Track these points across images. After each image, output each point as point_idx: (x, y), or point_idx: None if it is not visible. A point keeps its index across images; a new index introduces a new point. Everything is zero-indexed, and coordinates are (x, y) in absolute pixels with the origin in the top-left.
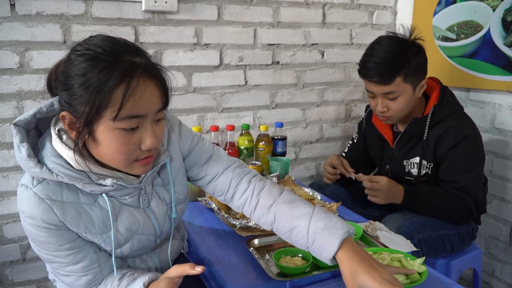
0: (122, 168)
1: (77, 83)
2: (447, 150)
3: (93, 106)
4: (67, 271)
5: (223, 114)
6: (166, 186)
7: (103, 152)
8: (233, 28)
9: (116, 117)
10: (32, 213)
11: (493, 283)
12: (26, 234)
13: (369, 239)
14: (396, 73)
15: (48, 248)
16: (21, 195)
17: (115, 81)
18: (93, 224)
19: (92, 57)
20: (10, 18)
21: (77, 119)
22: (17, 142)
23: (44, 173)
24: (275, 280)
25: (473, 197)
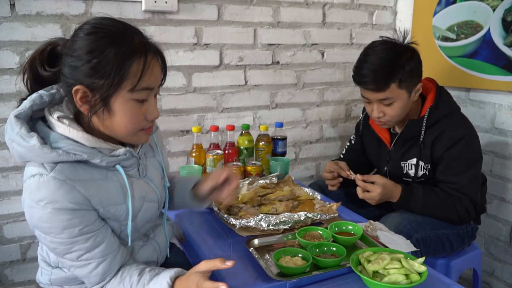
0: (129, 137)
1: (97, 58)
2: (443, 151)
3: (114, 78)
4: (85, 259)
5: (223, 114)
6: (156, 157)
7: (116, 122)
8: (233, 28)
9: (134, 89)
10: (54, 197)
11: (493, 283)
12: (42, 226)
13: (369, 239)
14: (390, 79)
15: (69, 234)
16: (37, 183)
17: (135, 57)
18: (112, 196)
19: (109, 34)
20: (10, 18)
21: (92, 93)
22: (23, 134)
23: (61, 156)
24: (275, 280)
25: (470, 197)
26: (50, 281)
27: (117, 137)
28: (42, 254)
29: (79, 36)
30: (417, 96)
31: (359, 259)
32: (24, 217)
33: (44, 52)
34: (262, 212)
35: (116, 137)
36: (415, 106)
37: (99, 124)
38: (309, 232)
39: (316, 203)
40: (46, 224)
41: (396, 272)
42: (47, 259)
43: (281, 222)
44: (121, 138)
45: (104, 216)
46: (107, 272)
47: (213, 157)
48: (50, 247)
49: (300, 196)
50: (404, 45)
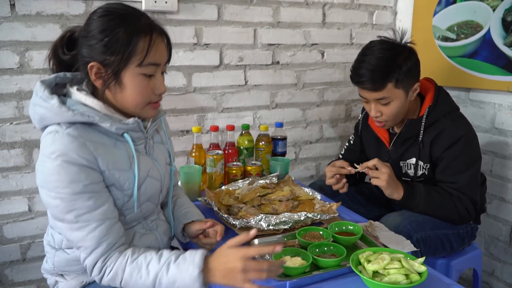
0: (138, 110)
1: (108, 37)
2: (442, 151)
3: (123, 54)
4: (84, 220)
5: (223, 114)
6: (164, 144)
7: (127, 95)
8: (233, 28)
9: (141, 63)
10: (66, 150)
11: (493, 283)
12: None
13: (369, 239)
14: (387, 79)
15: (73, 189)
16: (52, 138)
17: (141, 35)
18: (118, 161)
19: (119, 15)
20: (10, 18)
21: (104, 68)
22: (45, 96)
23: (76, 116)
24: (275, 280)
25: (470, 196)
26: (53, 264)
27: (127, 110)
28: (48, 238)
29: (93, 19)
30: (415, 96)
31: (359, 259)
32: (24, 217)
33: (64, 38)
34: (262, 212)
35: (127, 110)
36: (414, 105)
37: (112, 98)
38: (309, 232)
39: (316, 203)
40: (54, 177)
41: (396, 272)
42: (51, 242)
43: (281, 222)
44: (131, 111)
45: (108, 182)
46: (103, 237)
47: (213, 157)
48: (52, 205)
49: (300, 196)
50: (401, 45)
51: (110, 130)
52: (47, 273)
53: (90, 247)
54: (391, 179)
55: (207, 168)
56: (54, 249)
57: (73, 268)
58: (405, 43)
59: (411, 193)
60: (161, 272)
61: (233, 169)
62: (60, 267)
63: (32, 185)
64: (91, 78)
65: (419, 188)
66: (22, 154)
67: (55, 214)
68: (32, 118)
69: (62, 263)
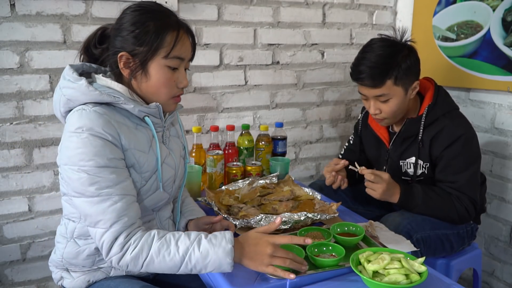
0: (162, 101)
1: (139, 29)
2: (442, 150)
3: (151, 45)
4: (106, 193)
5: (223, 114)
6: (179, 138)
7: (152, 84)
8: (233, 28)
9: (167, 56)
10: (93, 124)
11: (493, 283)
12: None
13: (369, 239)
14: (386, 76)
15: (98, 162)
16: (79, 114)
17: (169, 29)
18: (139, 142)
19: (151, 10)
20: (10, 18)
21: (133, 58)
22: (74, 77)
23: (103, 95)
24: (275, 280)
25: (470, 196)
26: (62, 255)
27: (150, 99)
28: (61, 229)
29: (126, 13)
30: (414, 94)
31: (359, 259)
32: (24, 217)
33: (96, 34)
34: (262, 212)
35: (150, 100)
36: (413, 105)
37: (137, 87)
38: (309, 232)
39: (316, 203)
40: (79, 150)
41: (396, 272)
42: (63, 231)
43: (281, 222)
44: (153, 101)
45: (128, 162)
46: (124, 211)
47: (213, 157)
48: (74, 178)
49: (300, 196)
50: (402, 43)
51: (132, 112)
52: (53, 266)
53: (110, 219)
54: (385, 192)
55: (207, 168)
56: (66, 239)
57: (81, 261)
58: (406, 41)
59: (409, 194)
60: (192, 246)
61: (233, 169)
62: (68, 259)
63: (32, 185)
64: (119, 66)
65: (417, 189)
66: (22, 154)
67: (77, 188)
68: (56, 103)
69: (71, 255)
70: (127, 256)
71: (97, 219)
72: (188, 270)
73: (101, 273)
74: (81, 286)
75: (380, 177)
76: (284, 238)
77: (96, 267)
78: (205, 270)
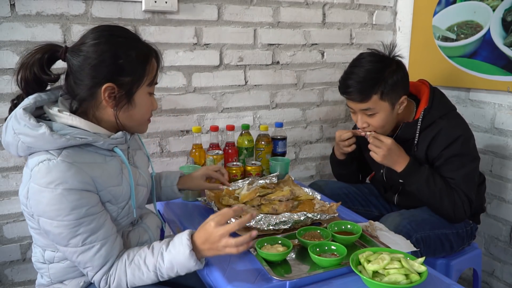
0: (141, 126)
1: (122, 59)
2: (441, 150)
3: (137, 75)
4: (89, 242)
5: (223, 114)
6: (142, 150)
7: (135, 113)
8: (233, 28)
9: (151, 83)
10: (65, 177)
11: (493, 283)
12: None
13: (368, 239)
14: (372, 91)
15: (76, 215)
16: (47, 167)
17: (149, 57)
18: (112, 177)
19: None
20: (10, 18)
21: (118, 89)
22: (32, 124)
23: (70, 140)
24: (275, 280)
25: (465, 193)
26: (50, 277)
27: (129, 127)
28: (36, 256)
29: (99, 42)
30: (402, 109)
31: (359, 259)
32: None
33: (43, 58)
34: (262, 212)
35: (128, 127)
36: (408, 109)
37: (122, 114)
38: (309, 232)
39: (316, 203)
40: (55, 207)
41: (396, 272)
42: (41, 259)
43: (281, 222)
44: (132, 127)
45: (103, 199)
46: (109, 254)
47: (213, 157)
48: (55, 233)
49: (300, 196)
50: (390, 58)
51: (101, 147)
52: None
53: (98, 265)
54: (386, 156)
55: None
56: (46, 264)
57: (72, 274)
58: (394, 56)
59: (415, 169)
60: (158, 263)
61: (233, 169)
62: (58, 278)
63: None
64: (103, 97)
65: (425, 168)
66: None
67: (59, 241)
68: (12, 146)
69: (59, 274)
70: (112, 286)
71: (85, 266)
72: (166, 278)
73: None
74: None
75: (381, 141)
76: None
77: None
78: (181, 274)
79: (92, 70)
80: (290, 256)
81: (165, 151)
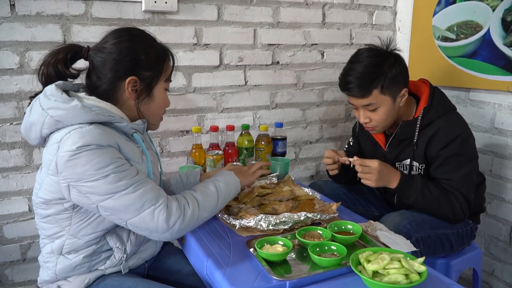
0: (158, 120)
1: (143, 55)
2: (439, 150)
3: (156, 70)
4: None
5: (223, 114)
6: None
7: (153, 106)
8: (233, 28)
9: (168, 79)
10: (99, 140)
11: (493, 283)
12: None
13: (368, 238)
14: (372, 85)
15: (117, 162)
16: (81, 132)
17: (167, 54)
18: (134, 154)
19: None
20: (10, 18)
21: (140, 82)
22: (65, 98)
23: (99, 115)
24: (275, 280)
25: (463, 194)
26: (55, 273)
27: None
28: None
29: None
30: (404, 102)
31: (359, 259)
32: (24, 217)
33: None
34: (262, 212)
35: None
36: (408, 107)
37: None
38: (309, 232)
39: (316, 203)
40: (94, 161)
41: (396, 272)
42: (49, 251)
43: (281, 222)
44: (149, 121)
45: None
46: (158, 188)
47: (213, 157)
48: (100, 185)
49: (300, 196)
50: (388, 52)
51: (124, 129)
52: (46, 284)
53: (154, 197)
54: (379, 180)
55: (207, 169)
56: (55, 257)
57: (77, 271)
58: (392, 50)
59: (408, 182)
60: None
61: None
62: (63, 274)
63: (32, 185)
64: (127, 90)
65: (417, 178)
66: (22, 154)
67: (106, 191)
68: (36, 125)
69: (65, 269)
70: (188, 213)
71: (141, 203)
72: (221, 200)
73: (98, 272)
74: (80, 287)
75: (369, 166)
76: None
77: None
78: (229, 196)
79: (115, 65)
80: (290, 256)
81: (165, 151)
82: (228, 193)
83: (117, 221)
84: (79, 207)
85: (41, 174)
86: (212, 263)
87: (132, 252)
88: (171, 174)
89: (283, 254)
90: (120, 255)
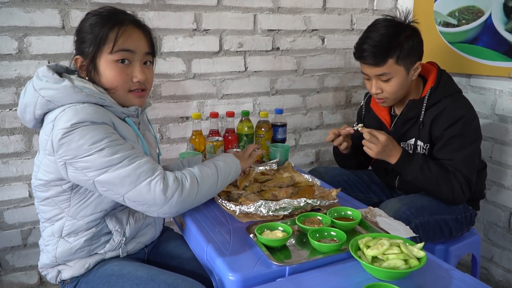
0: (122, 96)
1: (87, 33)
2: (443, 130)
3: (95, 44)
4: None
5: (223, 100)
6: (150, 131)
7: (104, 81)
8: (233, 13)
9: (112, 51)
10: (93, 117)
11: (492, 269)
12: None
13: (368, 224)
14: (388, 55)
15: (111, 137)
16: (74, 110)
17: (110, 26)
18: (129, 133)
19: (97, 14)
20: (8, 3)
21: (84, 59)
22: (56, 79)
23: (89, 96)
24: (275, 265)
25: (465, 174)
26: (55, 256)
27: (113, 96)
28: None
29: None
30: (416, 75)
31: (358, 244)
32: (24, 202)
33: None
34: (262, 198)
35: (113, 96)
36: (416, 87)
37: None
38: (308, 218)
39: (316, 189)
40: (88, 136)
41: (395, 257)
42: (49, 234)
43: (281, 208)
44: (116, 96)
45: None
46: (154, 163)
47: (213, 143)
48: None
49: (300, 182)
50: (405, 23)
51: (115, 113)
52: (46, 268)
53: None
54: (380, 152)
55: (207, 155)
56: (56, 239)
57: (77, 255)
58: (409, 22)
59: (408, 159)
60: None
61: None
62: (63, 258)
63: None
64: (78, 70)
65: (418, 156)
66: (22, 140)
67: (101, 164)
68: (29, 106)
69: (65, 253)
70: (186, 185)
71: (136, 175)
72: (221, 179)
73: (98, 256)
74: (80, 272)
75: (377, 137)
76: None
77: (94, 253)
78: (229, 175)
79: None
80: (290, 242)
81: (165, 138)
82: (228, 172)
83: (114, 196)
84: (78, 188)
85: (39, 156)
86: (212, 249)
87: (131, 236)
88: (170, 160)
89: (283, 240)
90: (119, 238)
